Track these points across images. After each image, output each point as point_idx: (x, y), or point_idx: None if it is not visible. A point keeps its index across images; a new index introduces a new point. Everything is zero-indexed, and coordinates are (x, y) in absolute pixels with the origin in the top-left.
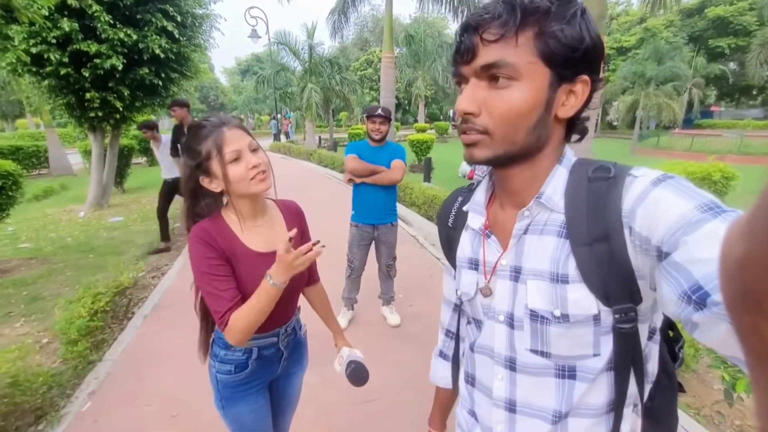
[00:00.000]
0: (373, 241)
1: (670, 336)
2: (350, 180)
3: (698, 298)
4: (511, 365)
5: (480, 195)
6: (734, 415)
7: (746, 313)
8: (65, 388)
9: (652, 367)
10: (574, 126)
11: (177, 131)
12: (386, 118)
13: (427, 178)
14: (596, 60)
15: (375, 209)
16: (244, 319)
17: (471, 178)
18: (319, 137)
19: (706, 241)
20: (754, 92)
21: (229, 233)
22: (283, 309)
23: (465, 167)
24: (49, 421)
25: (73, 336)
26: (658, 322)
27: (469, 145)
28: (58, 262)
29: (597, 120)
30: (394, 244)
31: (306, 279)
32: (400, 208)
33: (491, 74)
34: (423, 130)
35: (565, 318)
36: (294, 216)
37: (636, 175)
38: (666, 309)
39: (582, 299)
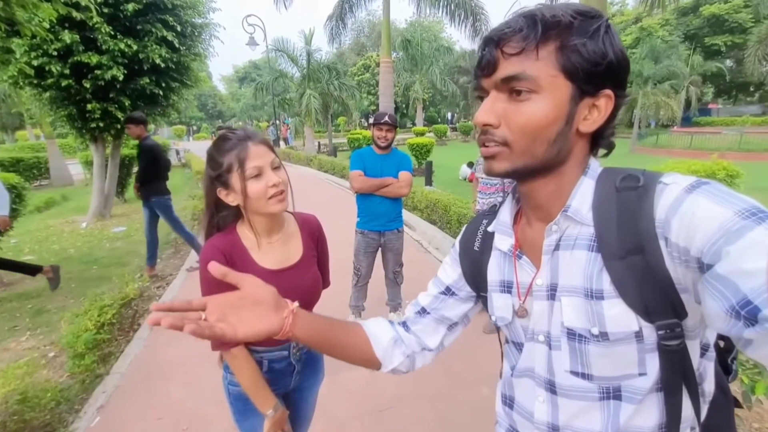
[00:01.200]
0: (379, 248)
1: (721, 347)
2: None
3: (748, 314)
4: (551, 388)
5: (505, 215)
6: (753, 418)
7: None
8: (73, 403)
9: (709, 386)
10: (599, 140)
11: (140, 153)
12: (393, 126)
13: (429, 182)
14: (620, 75)
15: (381, 216)
16: (239, 366)
17: (471, 181)
18: (318, 143)
19: (751, 250)
20: (752, 89)
21: (241, 251)
22: None
23: (465, 170)
24: None
25: (80, 349)
26: (712, 338)
27: (488, 158)
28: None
29: None
30: (401, 251)
31: (320, 295)
32: (403, 213)
33: (511, 87)
34: (422, 134)
35: (604, 336)
36: (311, 231)
37: (667, 183)
38: (713, 324)
39: (621, 316)
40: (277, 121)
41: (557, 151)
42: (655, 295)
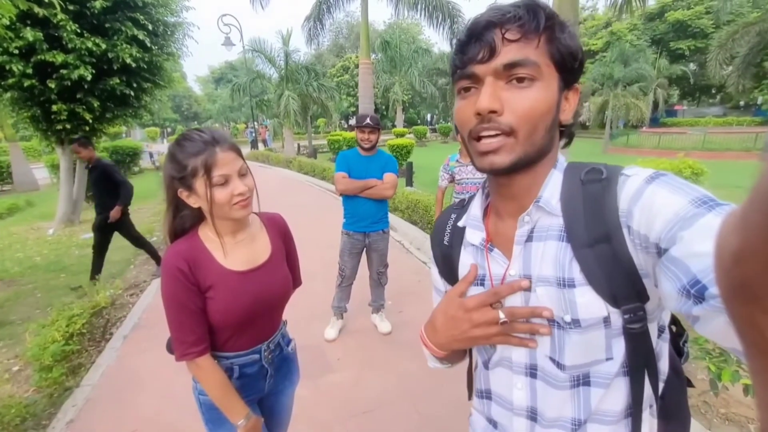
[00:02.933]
0: (365, 249)
1: (674, 331)
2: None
3: (696, 292)
4: (532, 372)
5: (476, 209)
6: (719, 404)
7: (742, 305)
8: (40, 419)
9: (664, 365)
10: (564, 131)
11: None
12: (375, 128)
13: (409, 183)
14: (581, 72)
15: (366, 217)
16: (207, 377)
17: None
18: (298, 144)
19: (701, 234)
20: (713, 91)
21: (206, 256)
22: (265, 325)
23: None
24: None
25: (47, 362)
26: (666, 319)
27: (488, 153)
28: (26, 283)
29: None
30: (386, 252)
31: (290, 294)
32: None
33: (512, 74)
34: (402, 135)
35: (576, 323)
36: (278, 230)
37: (628, 174)
38: (668, 304)
39: (591, 303)
40: (256, 123)
41: (550, 138)
42: (620, 280)
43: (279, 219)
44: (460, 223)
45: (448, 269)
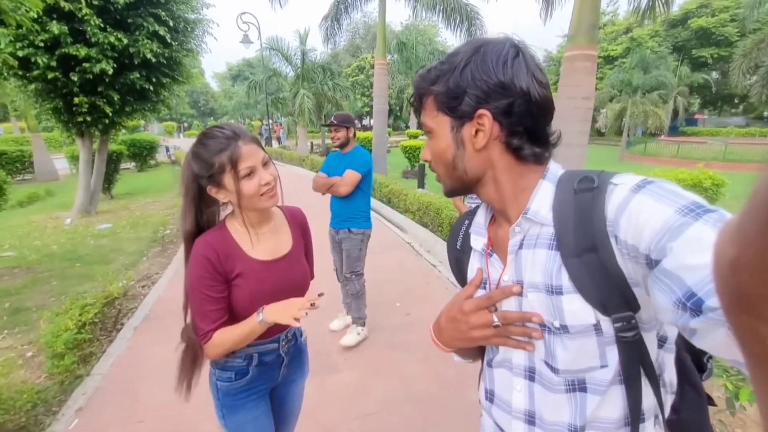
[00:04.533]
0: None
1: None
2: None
3: (693, 305)
4: (531, 375)
5: (480, 217)
6: (736, 423)
7: (742, 315)
8: (51, 405)
9: (669, 376)
10: (518, 150)
11: None
12: (340, 126)
13: (421, 185)
14: (487, 94)
15: (336, 215)
16: (226, 341)
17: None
18: (311, 143)
19: (691, 245)
20: (736, 101)
21: (234, 247)
22: None
23: None
24: None
25: (60, 349)
26: (670, 331)
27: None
28: (43, 271)
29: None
30: (354, 255)
31: (308, 286)
32: (395, 215)
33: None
34: (415, 136)
35: (564, 329)
36: (299, 223)
37: (616, 183)
38: (663, 317)
39: (579, 310)
40: (270, 121)
41: (463, 170)
42: (609, 289)
43: (299, 213)
44: (471, 230)
45: (460, 272)
